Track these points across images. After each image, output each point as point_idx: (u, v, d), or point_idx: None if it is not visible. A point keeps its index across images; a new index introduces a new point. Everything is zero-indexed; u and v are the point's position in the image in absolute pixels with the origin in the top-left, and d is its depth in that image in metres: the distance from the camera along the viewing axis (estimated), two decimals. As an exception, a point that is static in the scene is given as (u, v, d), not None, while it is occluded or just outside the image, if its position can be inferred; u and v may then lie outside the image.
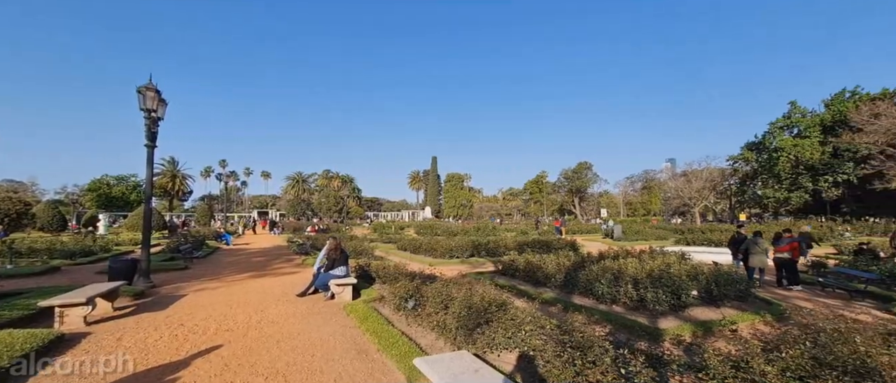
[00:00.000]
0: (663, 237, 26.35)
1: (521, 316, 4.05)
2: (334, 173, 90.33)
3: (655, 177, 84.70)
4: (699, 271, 8.05)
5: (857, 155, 36.69)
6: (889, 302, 8.24)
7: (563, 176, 76.83)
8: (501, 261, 11.60)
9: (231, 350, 4.99)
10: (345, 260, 8.22)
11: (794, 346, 3.30)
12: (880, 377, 2.67)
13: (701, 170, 55.65)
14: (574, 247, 16.21)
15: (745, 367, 3.11)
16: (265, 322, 6.31)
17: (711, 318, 6.50)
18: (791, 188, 45.39)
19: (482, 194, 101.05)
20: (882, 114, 32.33)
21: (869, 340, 3.24)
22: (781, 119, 49.11)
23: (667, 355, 4.19)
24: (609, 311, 6.98)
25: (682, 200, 56.59)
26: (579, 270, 8.84)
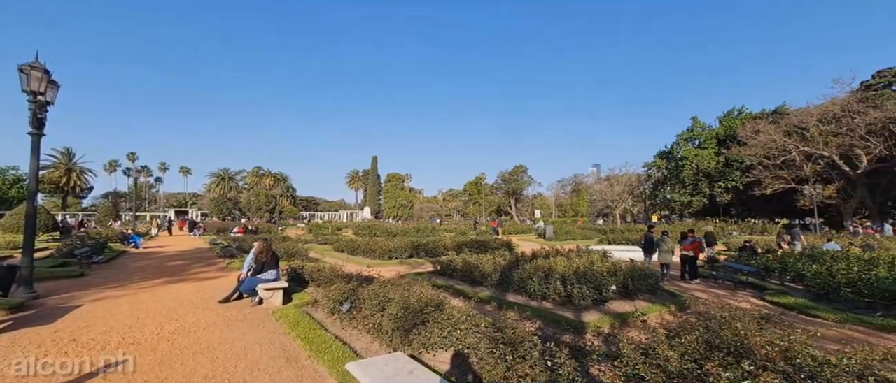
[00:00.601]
0: (589, 237, 28.49)
1: (457, 316, 4.13)
2: (266, 171, 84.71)
3: (583, 181, 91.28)
4: (618, 268, 8.82)
5: (742, 165, 42.72)
6: (763, 291, 9.72)
7: (500, 178, 79.73)
8: (440, 262, 11.73)
9: (137, 366, 4.45)
10: (275, 262, 7.74)
11: (691, 333, 3.75)
12: (754, 354, 3.15)
13: (621, 175, 61.20)
14: (510, 247, 16.90)
15: (653, 353, 3.47)
16: (180, 332, 5.72)
17: (627, 310, 7.16)
18: (693, 193, 51.60)
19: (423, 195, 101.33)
20: (761, 130, 38.10)
21: (747, 325, 3.79)
22: (686, 131, 55.63)
23: (588, 346, 4.54)
24: (540, 307, 7.37)
25: (605, 203, 61.79)
26: (513, 269, 9.24)
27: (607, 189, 60.69)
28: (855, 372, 2.87)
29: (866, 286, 7.89)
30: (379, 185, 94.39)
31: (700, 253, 12.16)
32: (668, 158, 58.01)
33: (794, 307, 8.09)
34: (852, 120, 32.92)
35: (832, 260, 10.01)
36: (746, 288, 10.49)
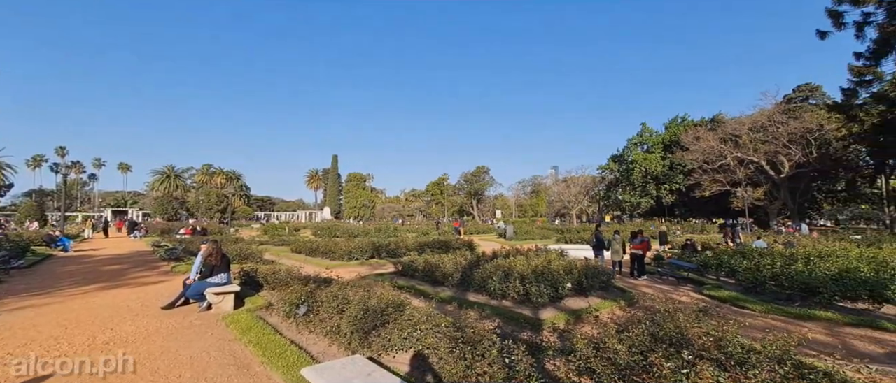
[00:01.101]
0: (547, 236, 29.46)
1: (418, 316, 4.13)
2: (217, 168, 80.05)
3: (542, 182, 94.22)
4: (573, 266, 9.19)
5: (685, 169, 46.11)
6: (701, 285, 10.53)
7: (462, 178, 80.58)
8: (401, 262, 11.66)
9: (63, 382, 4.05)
10: (226, 265, 7.34)
11: (638, 327, 3.99)
12: (692, 345, 3.41)
13: (578, 176, 63.89)
14: (471, 247, 17.10)
15: (603, 347, 3.66)
16: (116, 342, 5.27)
17: (581, 307, 7.49)
18: (642, 194, 54.93)
19: (385, 195, 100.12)
20: (701, 137, 41.30)
21: (687, 318, 4.09)
22: (636, 136, 59.14)
23: (545, 342, 4.71)
24: (499, 306, 7.53)
25: (562, 203, 64.22)
26: (474, 269, 9.37)
27: (565, 190, 63.11)
28: (775, 357, 3.19)
29: (787, 279, 8.77)
30: (339, 185, 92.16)
31: (647, 251, 12.97)
32: (619, 162, 61.31)
33: (728, 300, 8.83)
34: (777, 129, 36.45)
35: (759, 256, 11.03)
36: (687, 283, 11.32)
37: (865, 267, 8.85)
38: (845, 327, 6.91)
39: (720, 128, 41.39)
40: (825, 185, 42.67)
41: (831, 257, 10.15)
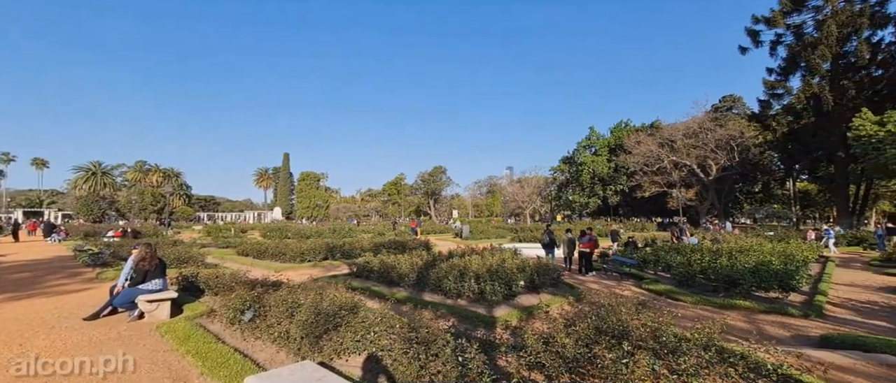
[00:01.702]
0: (502, 235, 30.17)
1: (372, 318, 4.07)
2: (152, 166, 73.70)
3: (498, 183, 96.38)
4: (526, 264, 9.50)
5: (628, 171, 49.26)
6: (642, 280, 11.30)
7: (419, 178, 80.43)
8: (356, 263, 11.42)
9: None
10: (161, 270, 6.77)
11: (584, 320, 4.21)
12: (631, 336, 3.66)
13: (531, 177, 66.08)
14: (427, 247, 17.10)
15: (552, 342, 3.82)
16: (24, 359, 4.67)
17: (533, 304, 7.76)
18: (590, 195, 57.97)
19: (340, 195, 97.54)
20: (641, 142, 44.38)
21: (628, 311, 4.38)
22: (585, 139, 62.30)
23: (498, 340, 4.82)
24: (455, 305, 7.61)
25: (517, 203, 66.11)
26: (430, 269, 9.38)
27: (519, 190, 65.01)
28: (702, 344, 3.51)
29: (713, 273, 9.65)
30: (291, 184, 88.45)
31: (595, 249, 13.71)
32: (570, 163, 64.21)
33: (664, 293, 9.55)
34: (706, 135, 40.02)
35: (691, 252, 12.06)
36: (629, 278, 12.10)
37: (776, 260, 9.98)
38: (760, 314, 7.73)
39: (658, 134, 44.74)
40: (745, 187, 47.52)
41: (749, 252, 11.33)
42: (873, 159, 24.38)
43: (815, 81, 31.80)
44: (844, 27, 30.27)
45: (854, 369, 4.31)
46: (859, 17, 29.81)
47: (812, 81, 32.06)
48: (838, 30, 30.18)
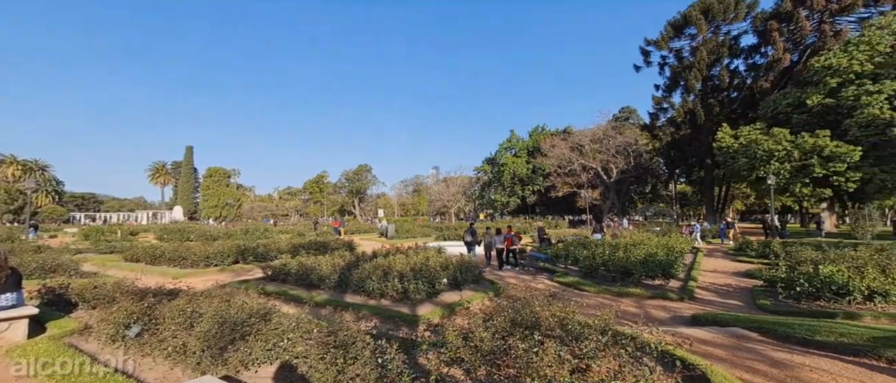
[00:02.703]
0: (427, 234, 30.49)
1: (286, 324, 3.82)
2: (8, 156, 60.42)
3: (424, 182, 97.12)
4: (450, 262, 9.72)
5: (544, 172, 53.12)
6: (553, 273, 12.28)
7: (344, 177, 77.64)
8: (272, 266, 10.68)
9: None
10: (15, 283, 5.58)
11: (501, 314, 4.44)
12: (542, 326, 3.95)
13: (457, 177, 67.79)
14: (351, 247, 16.60)
15: (471, 337, 3.97)
16: None
17: (455, 300, 7.97)
18: (510, 194, 61.29)
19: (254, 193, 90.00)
20: (556, 145, 48.22)
21: (540, 303, 4.72)
22: (506, 141, 65.69)
23: (420, 338, 4.87)
24: (378, 306, 7.50)
25: (442, 202, 67.30)
26: (353, 269, 9.13)
27: (444, 190, 66.27)
28: (600, 328, 3.93)
29: (612, 265, 10.86)
30: (195, 181, 79.31)
31: (513, 246, 14.56)
32: (492, 164, 67.17)
33: (572, 284, 10.50)
34: (608, 141, 44.82)
35: (596, 247, 13.42)
36: (544, 272, 13.06)
37: (661, 252, 11.57)
38: (647, 300, 8.90)
39: (570, 139, 48.97)
40: (639, 188, 54.25)
41: (640, 246, 12.95)
42: (730, 166, 29.56)
43: (691, 99, 37.63)
44: (711, 54, 36.22)
45: (713, 341, 5.19)
46: (721, 47, 35.97)
47: (688, 99, 37.88)
48: (707, 56, 36.03)
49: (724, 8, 35.84)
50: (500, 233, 14.47)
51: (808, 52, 31.57)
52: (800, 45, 32.58)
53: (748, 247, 17.17)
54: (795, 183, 25.62)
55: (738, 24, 36.85)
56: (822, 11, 30.88)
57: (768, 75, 33.87)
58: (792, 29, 32.24)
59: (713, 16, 36.32)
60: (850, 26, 30.45)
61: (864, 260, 8.77)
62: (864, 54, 24.14)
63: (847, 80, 24.55)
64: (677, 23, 38.36)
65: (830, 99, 25.20)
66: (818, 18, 31.29)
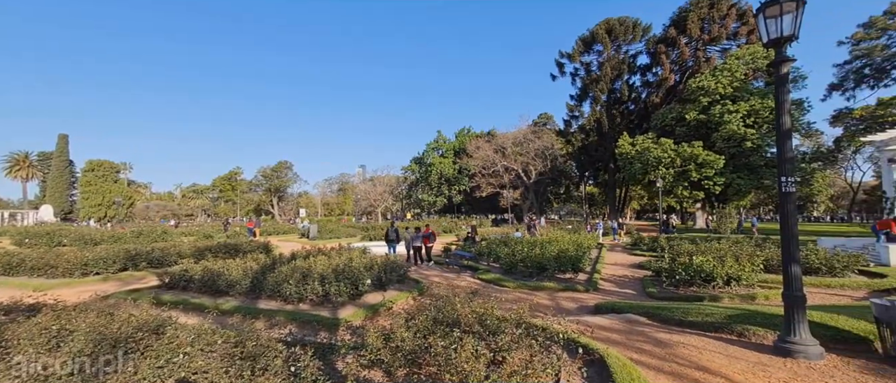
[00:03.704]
0: (353, 234, 29.58)
1: (184, 337, 3.40)
2: None
3: (350, 181, 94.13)
4: (374, 262, 9.55)
5: (470, 173, 54.86)
6: (477, 271, 12.75)
7: (261, 174, 71.88)
8: (170, 273, 9.52)
9: None
10: None
11: (423, 313, 4.49)
12: (461, 323, 4.09)
13: (384, 176, 66.82)
14: (267, 249, 15.48)
15: (392, 337, 3.95)
16: None
17: (379, 301, 7.85)
18: (437, 194, 62.19)
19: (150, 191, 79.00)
20: (480, 147, 50.14)
21: (462, 301, 4.86)
22: (433, 142, 66.51)
23: (340, 342, 4.71)
24: (296, 310, 7.09)
25: (369, 202, 65.83)
26: (268, 273, 8.52)
27: (371, 189, 64.89)
28: (515, 322, 4.18)
29: (529, 261, 11.61)
30: (72, 175, 67.12)
31: (431, 243, 15.07)
32: (420, 164, 67.49)
33: (493, 281, 11.00)
34: (528, 145, 47.78)
35: (515, 244, 14.22)
36: (467, 269, 13.48)
37: (571, 248, 12.66)
38: (559, 292, 9.68)
39: (494, 141, 51.24)
40: (554, 189, 58.76)
41: (554, 243, 14.04)
42: (628, 170, 33.49)
43: (598, 109, 41.95)
44: (614, 70, 40.75)
45: (610, 327, 5.84)
46: (622, 64, 40.71)
47: (596, 109, 42.20)
48: (611, 71, 40.44)
49: (624, 29, 40.52)
50: (419, 231, 15.08)
51: (688, 73, 37.05)
52: (682, 67, 38.09)
53: (641, 242, 19.61)
54: (678, 186, 29.90)
55: (635, 44, 41.98)
56: (698, 40, 36.53)
57: (658, 92, 39.09)
58: (676, 53, 37.59)
59: (616, 36, 40.85)
60: (716, 54, 36.46)
61: (725, 251, 10.59)
62: (727, 79, 29.06)
63: (714, 100, 29.36)
64: (586, 39, 42.41)
65: (703, 115, 29.90)
66: (695, 46, 36.90)
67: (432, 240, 15.47)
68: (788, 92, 4.75)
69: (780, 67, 4.66)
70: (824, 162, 41.18)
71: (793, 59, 4.75)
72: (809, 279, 9.12)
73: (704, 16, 35.69)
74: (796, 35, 4.48)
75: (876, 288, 8.92)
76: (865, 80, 34.30)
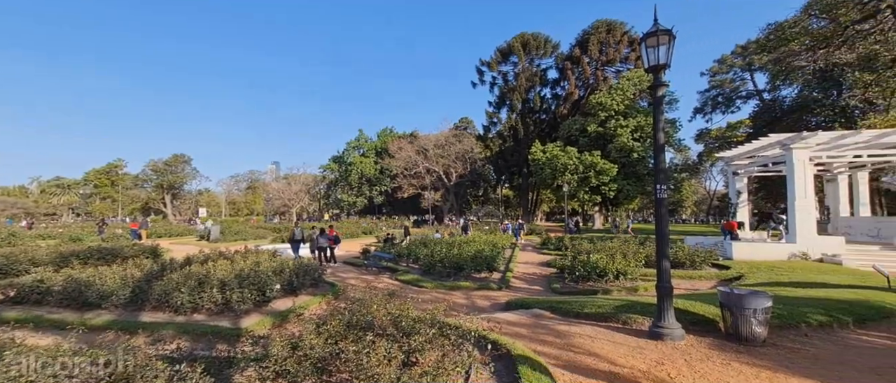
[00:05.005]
0: (263, 236, 27.32)
1: (28, 363, 2.77)
2: None
3: (260, 178, 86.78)
4: (285, 266, 8.94)
5: (392, 173, 54.36)
6: (396, 272, 12.67)
7: (150, 168, 62.53)
8: (18, 284, 7.83)
9: None
10: None
11: (336, 318, 4.32)
12: (375, 326, 4.03)
13: (300, 175, 62.92)
14: (155, 254, 13.61)
15: (301, 345, 3.73)
16: None
17: (289, 307, 7.37)
18: (358, 194, 60.45)
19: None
20: (403, 148, 50.05)
21: (378, 302, 4.79)
22: (354, 140, 64.57)
23: (242, 353, 4.32)
24: (188, 322, 6.33)
25: (283, 201, 61.36)
26: (155, 281, 7.47)
27: (286, 188, 60.64)
28: (430, 322, 4.25)
29: (448, 261, 11.90)
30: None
31: (336, 244, 15.28)
32: (340, 163, 64.98)
33: (412, 282, 11.03)
34: (450, 148, 49.01)
35: (435, 245, 14.45)
36: (387, 271, 13.32)
37: (487, 249, 13.28)
38: (474, 291, 10.08)
39: (416, 142, 51.49)
40: (473, 191, 61.04)
41: (472, 243, 14.59)
42: (539, 175, 36.26)
43: (514, 117, 44.72)
44: (528, 81, 43.86)
45: (518, 322, 6.26)
46: (535, 77, 44.05)
47: (512, 116, 44.93)
48: (525, 82, 43.46)
49: (537, 44, 43.91)
50: (323, 232, 14.99)
51: (590, 90, 41.36)
52: (585, 84, 42.41)
53: (549, 242, 21.34)
54: (580, 190, 33.18)
55: (546, 59, 45.70)
56: (598, 61, 41.08)
57: (565, 104, 43.00)
58: (580, 71, 41.76)
59: (530, 49, 44.04)
60: (612, 75, 41.39)
61: (615, 249, 12.04)
62: (620, 97, 33.12)
63: (610, 115, 33.24)
64: (504, 50, 45.01)
65: (601, 128, 33.65)
66: (595, 66, 41.40)
67: (336, 243, 15.52)
68: (663, 112, 5.58)
69: (657, 90, 5.47)
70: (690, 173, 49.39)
71: (667, 84, 5.62)
72: (677, 272, 10.80)
73: (603, 40, 40.30)
74: (668, 64, 5.30)
75: (722, 278, 10.91)
76: (718, 106, 41.93)
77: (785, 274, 10.41)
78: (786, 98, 35.41)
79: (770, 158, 17.28)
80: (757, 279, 9.83)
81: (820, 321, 5.79)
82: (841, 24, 10.73)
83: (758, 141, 16.25)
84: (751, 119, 38.91)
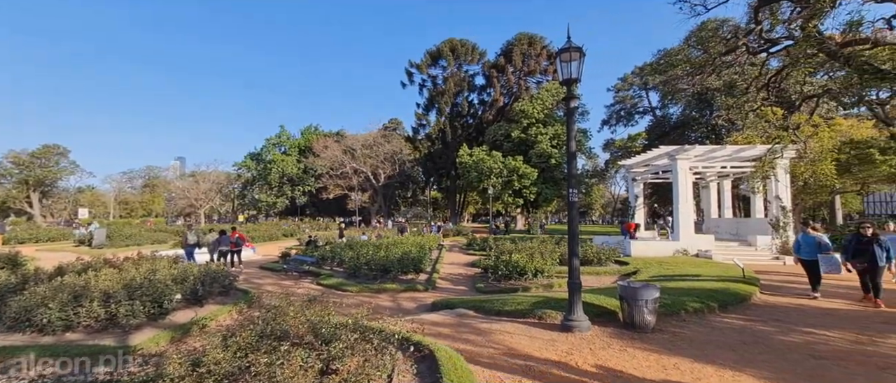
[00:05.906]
0: (162, 240, 24.21)
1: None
2: None
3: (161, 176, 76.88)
4: (190, 273, 8.02)
5: (316, 173, 51.80)
6: (319, 276, 12.09)
7: (10, 160, 51.53)
8: None
9: None
10: None
11: (247, 328, 3.99)
12: (291, 335, 3.79)
13: (210, 172, 56.85)
14: (14, 263, 11.33)
15: (204, 361, 3.38)
16: None
17: (192, 318, 6.62)
18: (278, 194, 56.48)
19: None
20: (328, 147, 48.05)
21: (296, 309, 4.51)
22: (274, 137, 60.31)
23: (127, 376, 3.78)
24: (57, 343, 5.37)
25: (189, 201, 54.85)
26: (11, 296, 6.20)
27: (192, 186, 54.38)
28: (352, 327, 4.14)
29: (374, 264, 11.68)
30: None
31: (238, 247, 14.32)
32: (258, 160, 60.16)
33: (335, 286, 10.61)
34: (378, 148, 48.23)
35: (361, 247, 14.08)
36: (309, 275, 12.65)
37: (414, 250, 13.30)
38: (401, 293, 10.02)
39: (343, 142, 49.77)
40: (402, 193, 60.74)
41: (399, 244, 14.50)
42: (466, 178, 37.38)
43: (442, 120, 45.49)
44: (457, 86, 45.02)
45: (443, 323, 6.39)
46: (463, 82, 45.38)
47: (441, 119, 45.67)
48: (454, 87, 44.53)
49: (465, 51, 45.30)
50: (224, 234, 14.15)
51: (513, 97, 43.70)
52: (510, 91, 44.74)
53: (475, 242, 22.07)
54: (504, 193, 34.88)
55: (473, 66, 47.34)
56: (520, 71, 43.64)
57: (491, 110, 44.93)
58: (504, 79, 43.96)
59: (458, 55, 45.27)
60: (533, 85, 44.28)
61: (534, 249, 12.86)
62: (540, 106, 35.54)
63: (531, 123, 35.49)
64: (434, 53, 45.64)
65: (524, 134, 35.76)
66: (518, 75, 43.92)
67: (240, 246, 14.38)
68: (575, 122, 6.12)
69: (570, 102, 5.98)
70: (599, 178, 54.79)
71: (579, 96, 6.19)
72: (585, 268, 11.88)
73: (525, 51, 42.97)
74: (579, 78, 5.83)
75: (622, 273, 12.27)
76: (621, 119, 47.26)
77: (670, 268, 12.04)
78: (673, 115, 41.24)
79: (661, 167, 19.89)
80: (649, 273, 11.22)
81: (695, 308, 6.82)
82: (711, 55, 12.85)
83: (651, 151, 18.67)
84: (646, 132, 44.45)
